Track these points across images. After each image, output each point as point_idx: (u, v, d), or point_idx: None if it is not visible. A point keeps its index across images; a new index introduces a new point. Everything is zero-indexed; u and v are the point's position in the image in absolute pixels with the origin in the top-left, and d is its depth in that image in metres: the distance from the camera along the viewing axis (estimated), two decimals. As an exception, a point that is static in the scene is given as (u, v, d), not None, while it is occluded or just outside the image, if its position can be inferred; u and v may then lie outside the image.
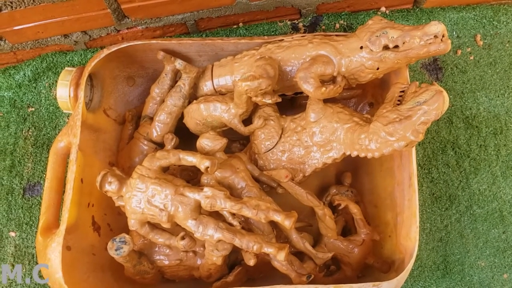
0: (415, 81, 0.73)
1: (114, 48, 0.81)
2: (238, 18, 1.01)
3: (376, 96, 0.91)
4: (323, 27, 1.02)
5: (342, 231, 0.87)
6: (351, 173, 0.91)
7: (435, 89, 0.67)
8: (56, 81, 1.01)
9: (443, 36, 0.69)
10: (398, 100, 0.72)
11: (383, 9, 1.02)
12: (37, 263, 0.92)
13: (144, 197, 0.70)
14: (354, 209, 0.81)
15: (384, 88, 0.86)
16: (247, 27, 1.02)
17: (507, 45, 1.02)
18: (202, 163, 0.69)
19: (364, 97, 0.92)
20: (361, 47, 0.73)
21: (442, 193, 0.94)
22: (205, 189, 0.69)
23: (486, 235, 0.92)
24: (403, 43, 0.70)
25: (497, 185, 0.94)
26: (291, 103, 0.91)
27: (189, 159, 0.71)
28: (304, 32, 1.02)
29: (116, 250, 0.72)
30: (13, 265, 0.92)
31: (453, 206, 0.94)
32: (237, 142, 0.91)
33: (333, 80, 0.76)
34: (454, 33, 1.03)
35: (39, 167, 0.98)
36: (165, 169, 0.76)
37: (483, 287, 0.90)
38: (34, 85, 1.02)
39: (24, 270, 0.92)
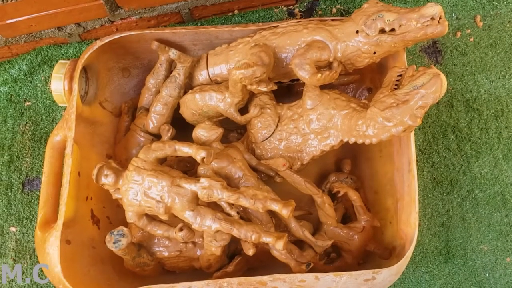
0: (413, 64, 0.71)
1: (107, 40, 0.80)
2: (233, 5, 0.99)
3: (374, 81, 0.90)
4: (320, 12, 1.00)
5: (342, 218, 0.86)
6: (350, 159, 0.90)
7: (433, 72, 0.66)
8: (52, 75, 1.01)
9: (440, 18, 0.68)
10: (396, 85, 0.71)
11: (380, -9, 1.01)
12: (37, 257, 0.92)
13: (141, 189, 0.69)
14: (354, 196, 0.80)
15: (382, 72, 0.85)
16: (242, 14, 1.00)
17: (508, 25, 1.00)
18: (198, 154, 0.68)
19: (362, 82, 0.91)
20: (357, 31, 0.72)
21: (443, 177, 0.93)
22: (202, 179, 0.68)
23: (488, 219, 0.92)
24: (400, 26, 0.69)
25: (499, 168, 0.93)
26: (287, 90, 0.90)
27: (185, 150, 0.70)
28: (300, 18, 1.01)
29: (114, 243, 0.71)
30: (14, 260, 0.92)
31: (455, 190, 0.93)
32: (234, 131, 0.90)
33: (329, 65, 0.75)
34: (453, 14, 1.01)
35: (37, 162, 0.98)
36: (162, 161, 0.76)
37: (486, 271, 0.90)
38: (30, 79, 1.02)
39: (25, 265, 0.92)
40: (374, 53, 0.73)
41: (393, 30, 0.69)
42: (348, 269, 0.81)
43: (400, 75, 0.72)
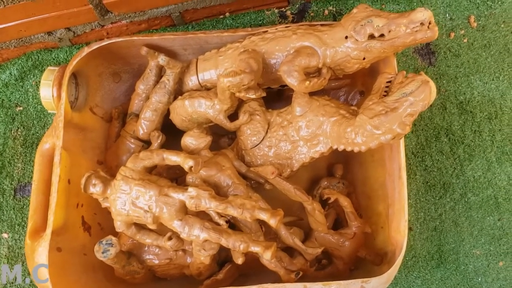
0: (402, 70, 0.71)
1: (95, 46, 0.79)
2: (224, 8, 0.98)
3: (366, 84, 0.89)
4: (312, 14, 0.99)
5: (334, 223, 0.86)
6: (342, 164, 0.90)
7: (421, 79, 0.65)
8: (41, 82, 1.00)
9: (429, 23, 0.67)
10: (385, 91, 0.70)
11: (373, -8, 1.00)
12: (30, 264, 0.92)
13: (129, 199, 0.69)
14: (344, 202, 0.80)
15: (374, 76, 0.84)
16: (233, 17, 0.99)
17: (502, 25, 0.99)
18: (186, 163, 0.68)
19: (354, 85, 0.90)
20: (346, 37, 0.71)
21: (436, 181, 0.93)
22: (190, 189, 0.68)
23: (481, 223, 0.91)
24: (389, 31, 0.68)
25: (492, 171, 0.93)
26: (278, 95, 0.89)
27: (173, 158, 0.70)
28: (292, 20, 1.00)
29: (103, 252, 0.71)
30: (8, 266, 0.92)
31: (447, 194, 0.92)
32: (225, 136, 0.90)
33: (318, 71, 0.74)
34: (447, 15, 1.00)
35: (29, 167, 0.97)
36: (151, 169, 0.75)
37: (479, 276, 0.89)
38: (21, 83, 1.01)
39: (18, 272, 0.92)
40: (364, 58, 0.72)
41: (382, 35, 0.69)
42: (339, 275, 0.82)
43: (389, 81, 0.71)
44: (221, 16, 1.00)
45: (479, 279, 0.89)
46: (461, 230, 0.91)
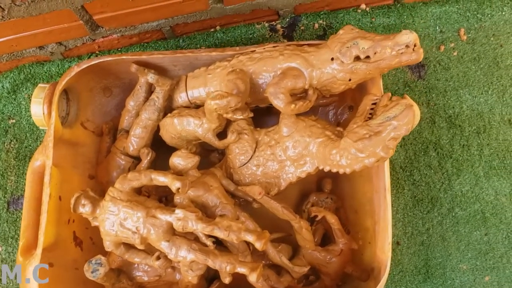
0: (387, 92, 0.71)
1: (84, 65, 0.80)
2: (215, 22, 0.99)
3: (355, 99, 0.90)
4: (302, 27, 1.00)
5: (323, 237, 0.87)
6: (331, 179, 0.91)
7: (405, 103, 0.65)
8: (31, 99, 1.01)
9: (414, 46, 0.67)
10: (370, 114, 0.70)
11: (363, 6, 1.00)
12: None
13: (117, 220, 0.70)
14: (332, 219, 0.81)
15: (363, 91, 0.84)
16: (224, 31, 1.00)
17: (492, 38, 1.00)
18: (173, 184, 0.69)
19: (343, 100, 0.91)
20: (332, 59, 0.72)
21: (424, 195, 0.94)
22: (177, 211, 0.69)
23: (468, 238, 0.92)
24: (374, 53, 0.68)
25: (480, 186, 0.94)
26: (267, 110, 0.90)
27: (160, 179, 0.71)
28: (283, 33, 1.00)
29: (92, 272, 0.72)
30: (0, 280, 0.93)
31: (435, 208, 0.93)
32: (215, 151, 0.90)
33: (305, 92, 0.75)
34: (437, 28, 1.00)
35: (22, 180, 0.98)
36: (139, 189, 0.76)
37: (465, 290, 0.91)
38: (13, 96, 1.02)
39: (12, 285, 0.93)
40: (350, 80, 0.73)
41: (368, 57, 0.69)
42: (326, 291, 0.83)
43: (374, 103, 0.71)
44: (212, 30, 1.01)
45: (465, 294, 0.91)
46: (448, 244, 0.92)
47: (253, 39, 1.00)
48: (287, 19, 1.00)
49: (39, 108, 0.83)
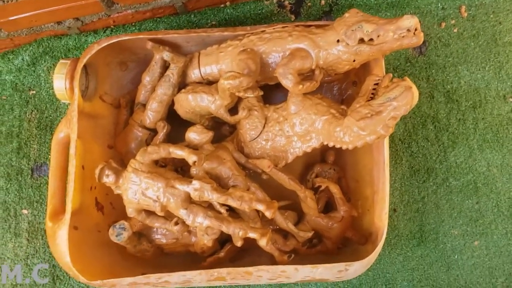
0: (389, 73, 0.77)
1: (104, 44, 0.85)
2: (225, -2, 1.03)
3: (359, 75, 0.95)
4: (309, 3, 1.03)
5: (325, 205, 0.94)
6: (334, 151, 0.96)
7: (405, 85, 0.71)
8: (54, 65, 1.06)
9: (415, 30, 0.72)
10: (372, 93, 0.76)
11: (368, -17, 1.03)
12: (49, 238, 1.01)
13: (139, 190, 0.77)
14: (334, 189, 0.88)
15: (366, 67, 0.89)
16: (234, 6, 1.04)
17: (491, 16, 1.03)
18: (190, 158, 0.75)
19: (347, 76, 0.96)
20: (338, 41, 0.76)
21: (421, 166, 1.00)
22: (194, 182, 0.75)
23: (460, 206, 0.99)
24: (378, 36, 0.73)
25: (473, 157, 1.00)
26: (275, 85, 0.95)
27: (178, 153, 0.77)
28: (290, 10, 1.04)
29: (116, 236, 0.80)
30: (28, 240, 1.01)
31: (431, 178, 1.00)
32: (226, 125, 0.96)
33: (312, 72, 0.80)
34: (439, 4, 1.04)
35: (44, 148, 1.05)
36: (157, 161, 0.83)
37: (455, 254, 0.98)
38: (33, 68, 1.07)
39: (38, 244, 1.01)
40: (354, 60, 0.78)
41: (371, 40, 0.74)
42: (328, 253, 0.91)
43: (376, 83, 0.77)
44: (222, 5, 1.04)
45: (456, 257, 0.98)
46: (441, 212, 0.99)
47: (262, 15, 1.04)
48: (295, -4, 1.04)
49: (61, 83, 0.88)
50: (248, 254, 0.92)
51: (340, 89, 0.98)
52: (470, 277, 0.98)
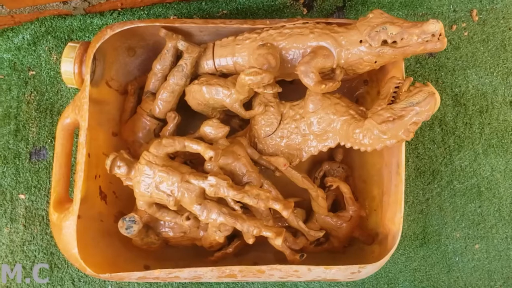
0: (409, 76, 0.76)
1: (118, 29, 0.82)
2: (239, -15, 1.00)
3: (371, 74, 0.94)
4: (323, -3, 1.02)
5: (332, 203, 0.94)
6: (342, 149, 0.96)
7: (428, 91, 0.71)
8: (56, 45, 1.02)
9: (440, 35, 0.72)
10: (393, 97, 0.76)
11: (384, -20, 1.02)
12: (47, 224, 0.98)
13: (152, 183, 0.75)
14: (345, 189, 0.88)
15: (381, 67, 0.89)
16: (247, -8, 1.01)
17: (501, 21, 1.04)
18: (207, 153, 0.74)
19: (359, 74, 0.95)
20: (361, 41, 0.75)
21: (426, 168, 1.01)
22: (210, 177, 0.74)
23: (463, 209, 1.01)
24: (401, 39, 0.73)
25: (478, 162, 1.01)
26: (290, 82, 0.94)
27: (194, 147, 0.75)
28: (303, 2, 1.02)
29: (126, 229, 0.78)
30: (25, 226, 0.98)
31: (435, 180, 1.01)
32: (236, 117, 0.94)
33: (332, 71, 0.79)
34: (451, 6, 1.04)
35: (43, 132, 1.01)
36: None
37: (456, 256, 1.00)
38: (33, 48, 1.03)
39: (35, 231, 0.98)
40: (375, 62, 0.77)
41: (394, 42, 0.73)
42: (334, 251, 0.91)
43: (397, 87, 0.76)
44: (235, -10, 1.02)
45: (457, 259, 1.00)
46: (444, 214, 1.00)
47: (274, 6, 1.02)
48: (309, -11, 1.02)
49: (70, 67, 0.85)
50: (253, 249, 0.91)
51: (351, 87, 0.97)
52: (469, 279, 1.00)
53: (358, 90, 0.97)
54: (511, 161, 1.01)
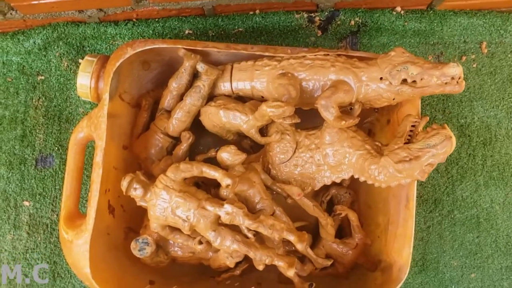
0: (426, 116, 0.78)
1: (139, 49, 0.81)
2: (255, 6, 1.00)
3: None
4: (338, 22, 1.03)
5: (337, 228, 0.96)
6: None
7: (445, 134, 0.73)
8: (67, 52, 1.02)
9: (459, 78, 0.73)
10: (409, 135, 0.77)
11: (398, 8, 1.03)
12: (51, 233, 0.98)
13: (168, 208, 0.76)
14: (353, 217, 0.89)
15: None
16: (263, 15, 1.01)
17: (510, 55, 1.06)
18: (224, 180, 0.74)
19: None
20: (381, 78, 0.77)
21: (429, 196, 1.04)
22: (226, 205, 0.74)
23: (462, 238, 1.04)
24: (421, 79, 0.74)
25: (479, 193, 1.04)
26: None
27: (211, 173, 0.76)
28: (319, 26, 1.03)
29: (139, 250, 0.79)
30: (28, 233, 0.98)
31: (437, 209, 1.04)
32: (247, 138, 0.95)
33: (350, 105, 0.80)
34: (462, 37, 1.06)
35: (50, 139, 1.00)
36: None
37: (453, 284, 1.03)
38: (44, 53, 1.01)
39: (39, 239, 0.98)
40: (393, 99, 0.78)
41: (414, 81, 0.75)
42: (338, 276, 0.93)
43: (413, 125, 0.78)
44: (251, 12, 1.02)
45: (453, 287, 1.03)
46: (444, 242, 1.03)
47: (290, 28, 1.02)
48: (326, 13, 1.02)
49: (87, 81, 0.84)
50: (257, 269, 0.93)
51: (360, 114, 0.98)
52: (464, 308, 1.04)
53: (368, 117, 0.98)
54: (510, 194, 1.04)
